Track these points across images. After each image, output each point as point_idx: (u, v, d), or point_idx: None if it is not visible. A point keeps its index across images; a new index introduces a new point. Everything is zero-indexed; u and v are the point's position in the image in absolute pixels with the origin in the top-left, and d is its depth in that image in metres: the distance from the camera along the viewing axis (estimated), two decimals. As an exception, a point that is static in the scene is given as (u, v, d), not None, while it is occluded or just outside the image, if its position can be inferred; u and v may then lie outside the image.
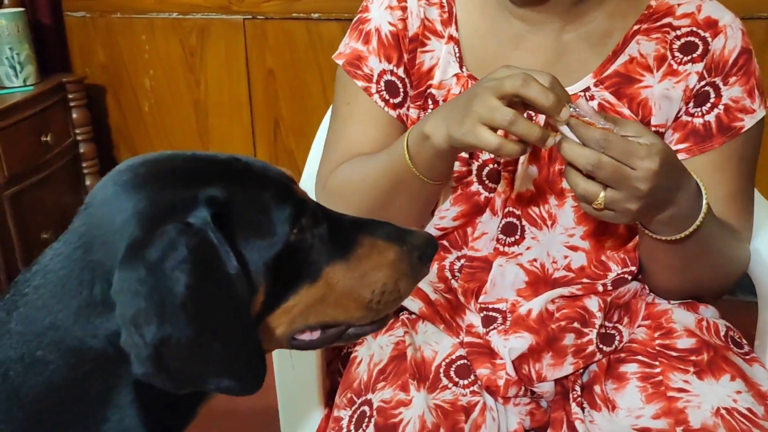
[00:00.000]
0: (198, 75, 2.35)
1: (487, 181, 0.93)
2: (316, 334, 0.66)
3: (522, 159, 0.91)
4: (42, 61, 2.20)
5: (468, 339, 0.93)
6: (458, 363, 0.91)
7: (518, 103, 0.76)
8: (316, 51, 2.24)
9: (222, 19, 2.28)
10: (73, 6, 2.37)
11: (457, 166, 0.92)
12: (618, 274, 0.93)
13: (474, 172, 0.93)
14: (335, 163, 0.97)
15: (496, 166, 0.92)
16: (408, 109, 0.97)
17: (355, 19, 1.00)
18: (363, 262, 0.65)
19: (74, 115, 2.28)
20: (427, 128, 0.82)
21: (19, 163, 2.01)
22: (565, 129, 0.75)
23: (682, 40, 0.91)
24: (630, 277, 0.94)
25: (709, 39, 0.90)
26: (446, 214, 0.95)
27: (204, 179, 0.59)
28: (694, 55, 0.91)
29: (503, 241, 0.94)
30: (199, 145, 2.42)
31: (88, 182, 2.36)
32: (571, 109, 0.75)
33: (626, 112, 0.90)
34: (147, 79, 2.40)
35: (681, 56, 0.91)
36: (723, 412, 0.81)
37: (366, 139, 0.97)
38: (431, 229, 0.96)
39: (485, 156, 0.92)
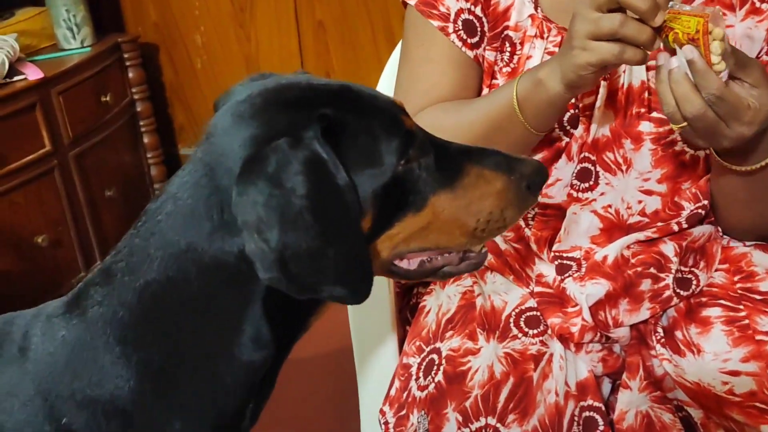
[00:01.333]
0: (248, 29, 2.35)
1: (568, 127, 0.92)
2: (413, 265, 0.67)
3: (598, 103, 0.89)
4: (97, 22, 2.22)
5: (538, 289, 0.93)
6: (528, 313, 0.91)
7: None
8: (368, 3, 2.22)
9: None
10: (125, -36, 2.39)
11: None
12: (691, 211, 0.92)
13: None
14: (416, 106, 0.93)
15: (576, 111, 0.91)
16: (485, 50, 0.95)
17: None
18: (469, 192, 0.65)
19: (130, 75, 2.30)
20: (541, 73, 0.81)
21: (81, 124, 2.04)
22: (673, 59, 0.74)
23: None
24: (703, 212, 0.92)
25: None
26: None
27: (316, 104, 0.60)
28: None
29: (577, 187, 0.93)
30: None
31: (145, 140, 2.39)
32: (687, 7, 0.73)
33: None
34: (198, 35, 2.41)
35: None
36: None
37: (446, 81, 0.95)
38: None
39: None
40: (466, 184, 0.65)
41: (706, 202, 0.92)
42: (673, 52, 0.75)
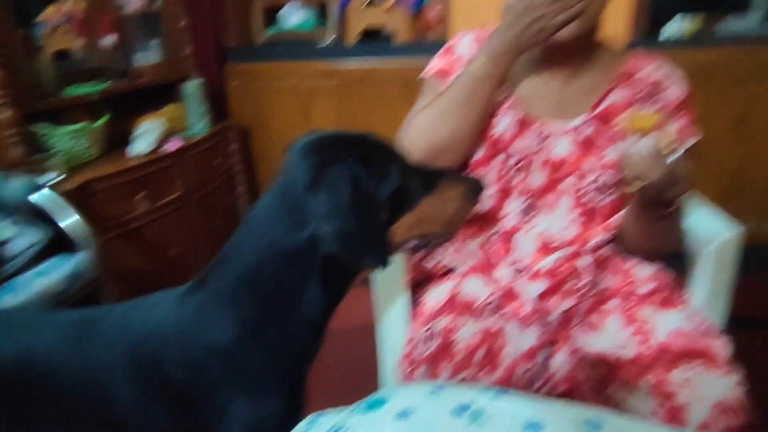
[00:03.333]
0: (308, 120, 2.37)
1: (513, 172, 0.91)
2: (413, 244, 0.69)
3: (536, 162, 0.89)
4: (213, 112, 2.25)
5: (500, 285, 0.92)
6: (493, 302, 0.90)
7: None
8: (384, 104, 2.24)
9: (323, 84, 2.29)
10: (232, 78, 2.41)
11: (498, 161, 0.90)
12: (599, 241, 0.91)
13: (508, 166, 0.91)
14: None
15: (521, 163, 0.90)
16: None
17: (442, 50, 0.96)
18: (441, 196, 0.68)
19: (232, 147, 2.32)
20: (496, 39, 0.80)
21: (202, 177, 2.06)
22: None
23: (646, 91, 0.89)
24: (607, 243, 0.92)
25: (664, 89, 0.88)
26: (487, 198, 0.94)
27: (350, 143, 0.61)
28: (654, 100, 0.88)
29: (523, 218, 0.92)
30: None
31: (239, 189, 2.39)
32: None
33: (609, 137, 0.88)
34: (275, 123, 2.43)
35: (645, 101, 0.89)
36: (677, 331, 0.79)
37: None
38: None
39: (516, 157, 0.90)
40: (439, 192, 0.68)
41: (609, 235, 0.91)
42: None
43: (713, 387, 0.73)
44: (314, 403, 0.65)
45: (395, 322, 1.02)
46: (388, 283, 1.00)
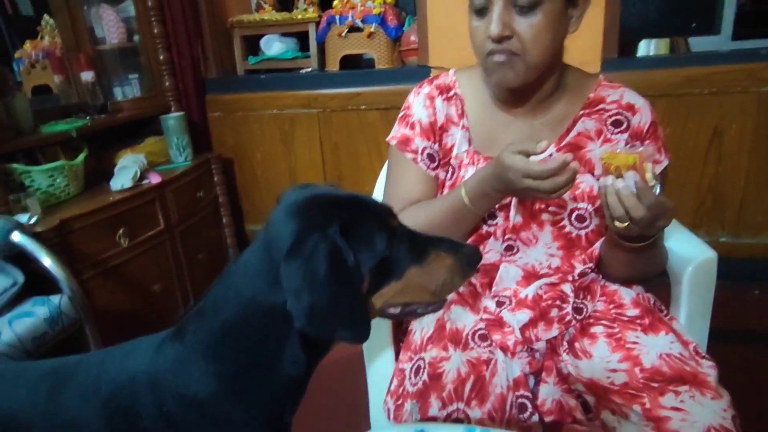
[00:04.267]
0: (290, 149, 2.37)
1: (488, 220, 0.93)
2: (398, 310, 0.66)
3: (513, 202, 0.90)
4: (195, 144, 2.24)
5: (485, 316, 0.92)
6: (479, 332, 0.90)
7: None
8: (365, 130, 2.25)
9: (304, 113, 2.30)
10: (213, 109, 2.41)
11: None
12: (581, 270, 0.92)
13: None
14: (399, 205, 0.95)
15: (494, 210, 0.92)
16: (439, 171, 0.96)
17: (401, 114, 0.99)
18: (431, 266, 0.64)
19: (215, 178, 2.30)
20: (487, 189, 0.82)
21: (184, 210, 2.04)
22: (617, 181, 0.73)
23: (613, 118, 0.90)
24: (590, 271, 0.93)
25: (630, 117, 0.90)
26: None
27: (337, 208, 0.60)
28: (621, 128, 0.90)
29: (504, 255, 0.93)
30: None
31: (224, 220, 2.37)
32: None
33: (577, 166, 0.89)
34: (258, 153, 2.43)
35: (612, 128, 0.90)
36: (665, 356, 0.80)
37: (417, 189, 0.96)
38: None
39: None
40: (429, 261, 0.64)
41: (591, 264, 0.92)
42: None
43: (704, 412, 0.73)
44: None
45: (383, 354, 1.01)
46: (374, 332, 1.00)
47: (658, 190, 0.72)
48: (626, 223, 0.74)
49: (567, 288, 0.91)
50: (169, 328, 0.68)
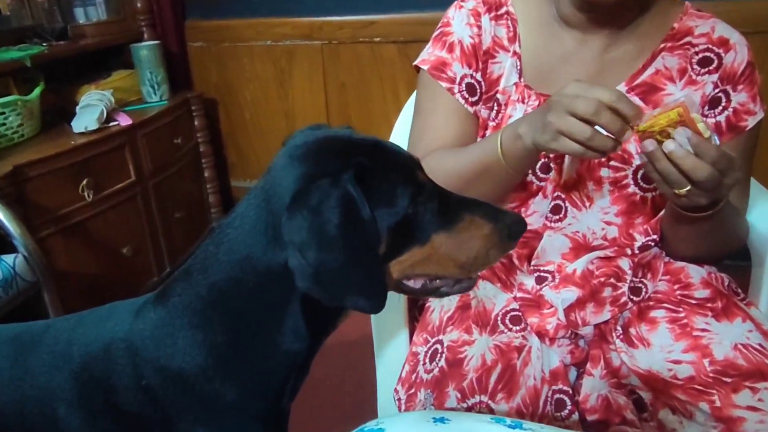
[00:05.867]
0: (287, 89, 2.36)
1: (539, 173, 0.91)
2: (418, 284, 0.65)
3: (565, 159, 0.89)
4: (172, 81, 2.23)
5: (520, 294, 0.92)
6: (512, 314, 0.90)
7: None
8: (378, 67, 2.22)
9: (305, 45, 2.27)
10: (194, 38, 2.39)
11: None
12: (642, 242, 0.91)
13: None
14: (425, 149, 0.91)
15: (546, 160, 0.90)
16: (481, 108, 0.93)
17: (437, 32, 0.95)
18: (462, 234, 0.63)
19: (196, 123, 2.30)
20: (520, 130, 0.78)
21: (159, 160, 2.04)
22: (671, 143, 0.69)
23: (700, 56, 0.88)
24: (653, 244, 0.92)
25: (723, 54, 0.87)
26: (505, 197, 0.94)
27: (354, 153, 0.60)
28: (710, 68, 0.87)
29: (551, 219, 0.92)
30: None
31: (206, 174, 2.38)
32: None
33: None
34: (248, 93, 2.41)
35: (699, 68, 0.88)
36: (740, 346, 0.79)
37: (450, 130, 0.92)
38: None
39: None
40: (460, 228, 0.63)
41: (655, 237, 0.91)
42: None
43: None
44: (302, 434, 0.66)
45: (395, 335, 1.02)
46: (386, 308, 1.00)
47: (717, 141, 0.70)
48: (687, 188, 0.72)
49: (624, 264, 0.90)
50: (141, 296, 0.69)
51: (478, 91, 0.93)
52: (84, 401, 0.63)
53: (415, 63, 0.96)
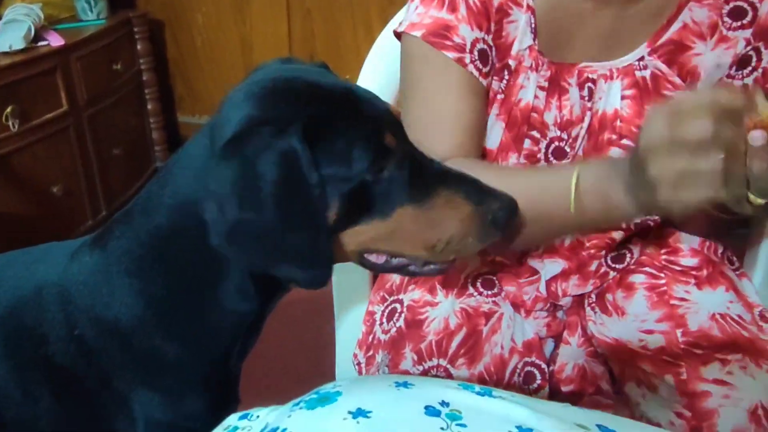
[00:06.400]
0: (244, 13, 2.29)
1: (552, 159, 0.84)
2: (381, 259, 0.62)
3: (582, 134, 0.83)
4: (111, -3, 2.15)
5: (499, 259, 0.89)
6: (484, 276, 0.88)
7: None
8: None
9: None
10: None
11: (528, 144, 0.83)
12: (641, 220, 0.85)
13: (542, 150, 0.84)
14: (443, 149, 0.76)
15: (561, 144, 0.84)
16: (492, 81, 0.82)
17: None
18: (435, 211, 0.60)
19: (138, 47, 2.25)
20: (615, 199, 0.63)
21: (95, 88, 2.00)
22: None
23: (731, 5, 0.79)
24: (651, 223, 0.87)
25: (757, 4, 0.78)
26: None
27: (312, 101, 0.57)
28: (744, 21, 0.79)
29: None
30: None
31: (149, 106, 2.34)
32: None
33: (677, 80, 0.80)
34: (200, 15, 2.34)
35: (730, 21, 0.79)
36: (717, 316, 0.79)
37: (470, 114, 0.80)
38: None
39: (552, 134, 0.83)
40: (433, 204, 0.59)
41: (656, 217, 0.85)
42: None
43: (754, 386, 0.73)
44: (252, 400, 0.62)
45: (357, 293, 1.01)
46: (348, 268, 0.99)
47: None
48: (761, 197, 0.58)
49: (618, 236, 0.87)
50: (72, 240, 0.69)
51: (490, 60, 0.81)
52: (10, 351, 0.63)
53: (396, 29, 0.83)
